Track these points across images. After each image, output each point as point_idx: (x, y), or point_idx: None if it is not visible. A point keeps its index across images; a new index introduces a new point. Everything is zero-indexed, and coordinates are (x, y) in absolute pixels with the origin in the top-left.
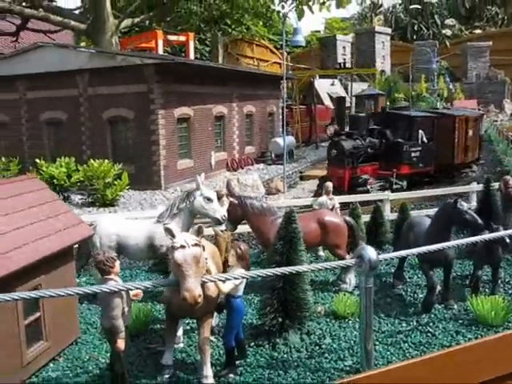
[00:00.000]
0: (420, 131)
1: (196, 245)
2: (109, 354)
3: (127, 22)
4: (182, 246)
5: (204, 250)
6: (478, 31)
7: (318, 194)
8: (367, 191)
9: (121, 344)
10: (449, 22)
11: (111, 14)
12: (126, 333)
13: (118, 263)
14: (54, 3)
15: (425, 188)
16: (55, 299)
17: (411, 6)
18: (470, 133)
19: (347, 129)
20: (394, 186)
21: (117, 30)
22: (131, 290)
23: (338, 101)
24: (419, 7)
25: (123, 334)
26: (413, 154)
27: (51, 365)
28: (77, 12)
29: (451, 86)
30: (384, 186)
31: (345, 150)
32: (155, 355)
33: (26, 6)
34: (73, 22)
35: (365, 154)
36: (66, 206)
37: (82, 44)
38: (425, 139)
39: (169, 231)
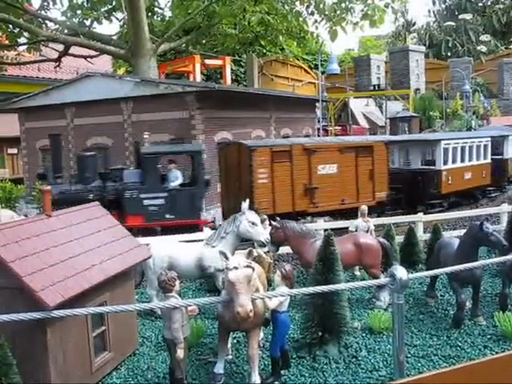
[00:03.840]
0: (175, 171)
1: (247, 266)
2: (165, 365)
3: (164, 46)
4: (235, 267)
5: (254, 270)
6: None
7: None
8: None
9: (180, 353)
10: (484, 37)
11: (149, 38)
12: (185, 343)
13: (178, 282)
14: (94, 29)
15: None
16: (118, 314)
17: (445, 23)
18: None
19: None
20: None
21: (154, 54)
22: (190, 305)
23: (53, 138)
24: (453, 24)
25: (183, 345)
26: (149, 202)
27: (114, 373)
28: (115, 37)
29: (486, 104)
30: None
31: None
32: (206, 365)
33: (69, 34)
34: (112, 48)
35: (91, 200)
36: (126, 231)
37: (121, 67)
38: (177, 182)
39: (223, 254)
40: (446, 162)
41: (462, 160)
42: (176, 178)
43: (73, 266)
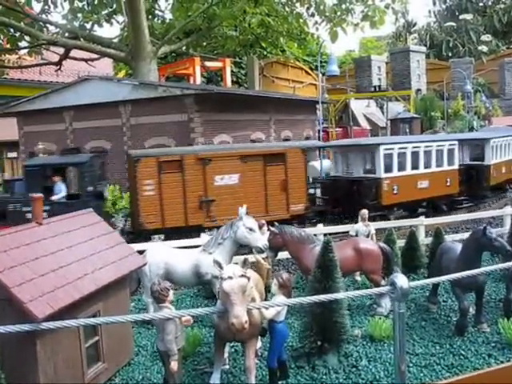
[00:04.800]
0: (60, 184)
1: (242, 276)
2: (160, 375)
3: (165, 48)
4: (230, 277)
5: (249, 280)
6: None
7: None
8: None
9: (174, 365)
10: (485, 38)
11: (149, 41)
12: (179, 355)
13: (171, 292)
14: (95, 32)
15: None
16: (111, 324)
17: (446, 24)
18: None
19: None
20: None
21: (155, 57)
22: (183, 316)
23: None
24: (454, 24)
25: (177, 356)
26: (31, 216)
27: None
28: (116, 40)
29: (488, 104)
30: None
31: None
32: (202, 375)
33: (69, 37)
34: (112, 51)
35: None
36: (120, 238)
37: (121, 70)
38: (60, 195)
39: (217, 263)
40: (389, 170)
41: (415, 167)
42: (60, 191)
43: (64, 276)
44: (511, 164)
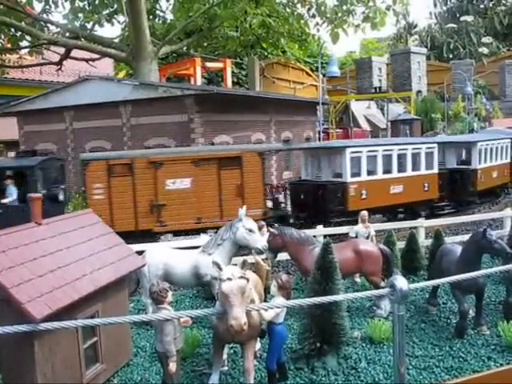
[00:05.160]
0: (11, 187)
1: (241, 277)
2: (159, 376)
3: (166, 48)
4: (229, 279)
5: (248, 281)
6: None
7: None
8: None
9: (173, 366)
10: (485, 39)
11: (150, 41)
12: (178, 356)
13: (170, 293)
14: (95, 32)
15: None
16: (110, 325)
17: (447, 26)
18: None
19: None
20: None
21: (155, 57)
22: (182, 317)
23: None
24: (455, 26)
25: (175, 358)
26: None
27: None
28: (117, 40)
29: (488, 106)
30: None
31: None
32: (201, 377)
33: (70, 37)
34: (113, 51)
35: None
36: (119, 239)
37: (122, 70)
38: (10, 198)
39: (216, 265)
40: (357, 174)
41: (388, 171)
42: (10, 195)
43: (62, 276)
44: (505, 168)
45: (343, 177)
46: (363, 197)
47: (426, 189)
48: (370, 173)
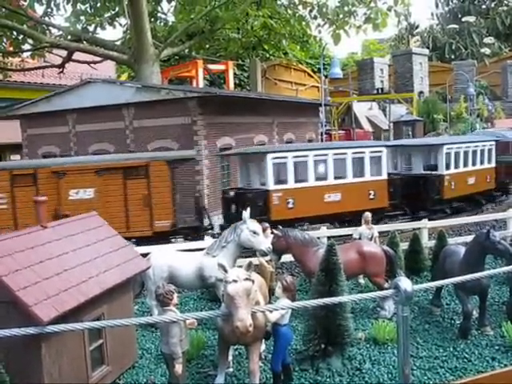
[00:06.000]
0: None
1: (247, 279)
2: (164, 378)
3: (167, 51)
4: (234, 281)
5: (253, 283)
6: None
7: None
8: None
9: (178, 368)
10: (487, 40)
11: (152, 44)
12: (184, 358)
13: (175, 295)
14: (97, 35)
15: None
16: (116, 327)
17: (448, 26)
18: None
19: None
20: None
21: (157, 59)
22: (188, 319)
23: None
24: (457, 27)
25: (181, 360)
26: None
27: None
28: (119, 43)
29: (490, 106)
30: None
31: None
32: (206, 378)
33: (72, 39)
34: (115, 53)
35: None
36: (124, 241)
37: (124, 73)
38: None
39: (222, 267)
40: (282, 181)
41: (322, 177)
42: None
43: (68, 279)
44: (487, 174)
45: (266, 184)
46: (289, 206)
47: (371, 197)
48: (298, 180)
